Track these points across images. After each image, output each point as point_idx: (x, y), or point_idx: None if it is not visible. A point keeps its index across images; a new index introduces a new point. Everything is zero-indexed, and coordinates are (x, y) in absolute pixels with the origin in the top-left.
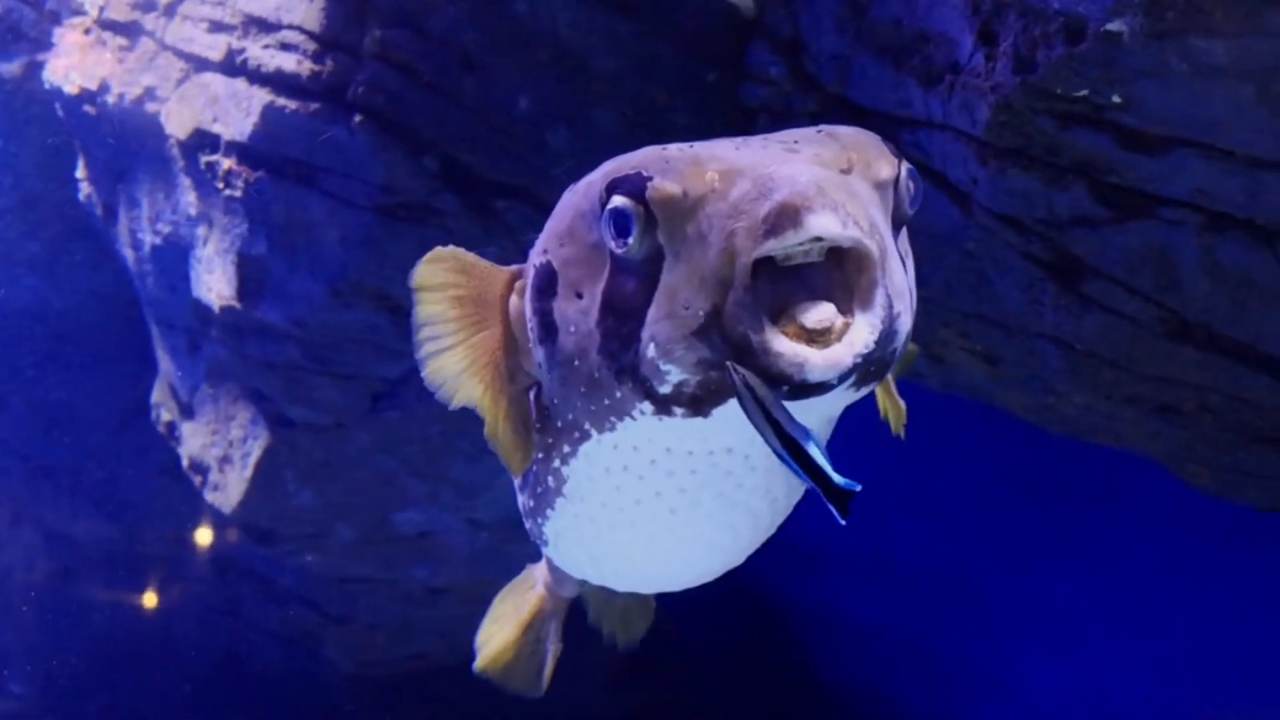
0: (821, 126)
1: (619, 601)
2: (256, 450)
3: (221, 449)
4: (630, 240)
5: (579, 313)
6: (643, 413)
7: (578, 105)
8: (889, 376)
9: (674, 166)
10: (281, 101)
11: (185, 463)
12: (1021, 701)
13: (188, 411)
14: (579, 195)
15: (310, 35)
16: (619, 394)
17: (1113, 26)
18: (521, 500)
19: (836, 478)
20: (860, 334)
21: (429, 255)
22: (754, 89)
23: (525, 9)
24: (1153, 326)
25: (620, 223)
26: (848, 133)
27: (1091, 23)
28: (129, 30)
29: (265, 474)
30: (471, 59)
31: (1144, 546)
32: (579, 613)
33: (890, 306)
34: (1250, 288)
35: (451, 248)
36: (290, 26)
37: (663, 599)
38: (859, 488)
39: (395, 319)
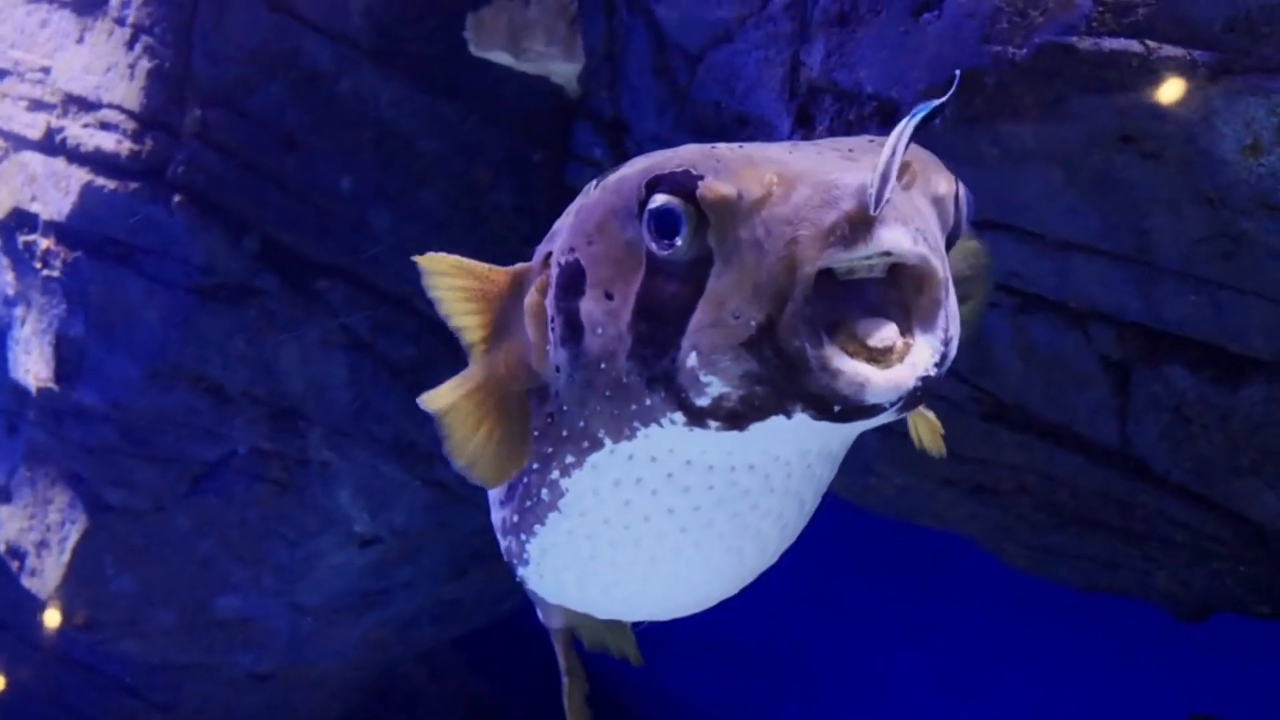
0: (873, 137)
1: (606, 627)
2: (74, 534)
3: (39, 533)
4: (678, 241)
5: (608, 314)
6: (673, 422)
7: (400, 185)
8: None
9: (727, 166)
10: (100, 181)
11: (2, 548)
12: None
13: (5, 495)
14: (609, 192)
15: (130, 114)
16: (648, 401)
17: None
18: (502, 514)
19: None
20: (923, 356)
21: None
22: (579, 170)
23: (348, 89)
24: (968, 408)
25: (666, 222)
26: None
27: (903, 107)
28: None
29: (83, 559)
30: (293, 139)
31: (975, 624)
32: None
33: (948, 329)
34: (1064, 369)
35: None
36: (110, 105)
37: (493, 678)
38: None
39: (214, 400)
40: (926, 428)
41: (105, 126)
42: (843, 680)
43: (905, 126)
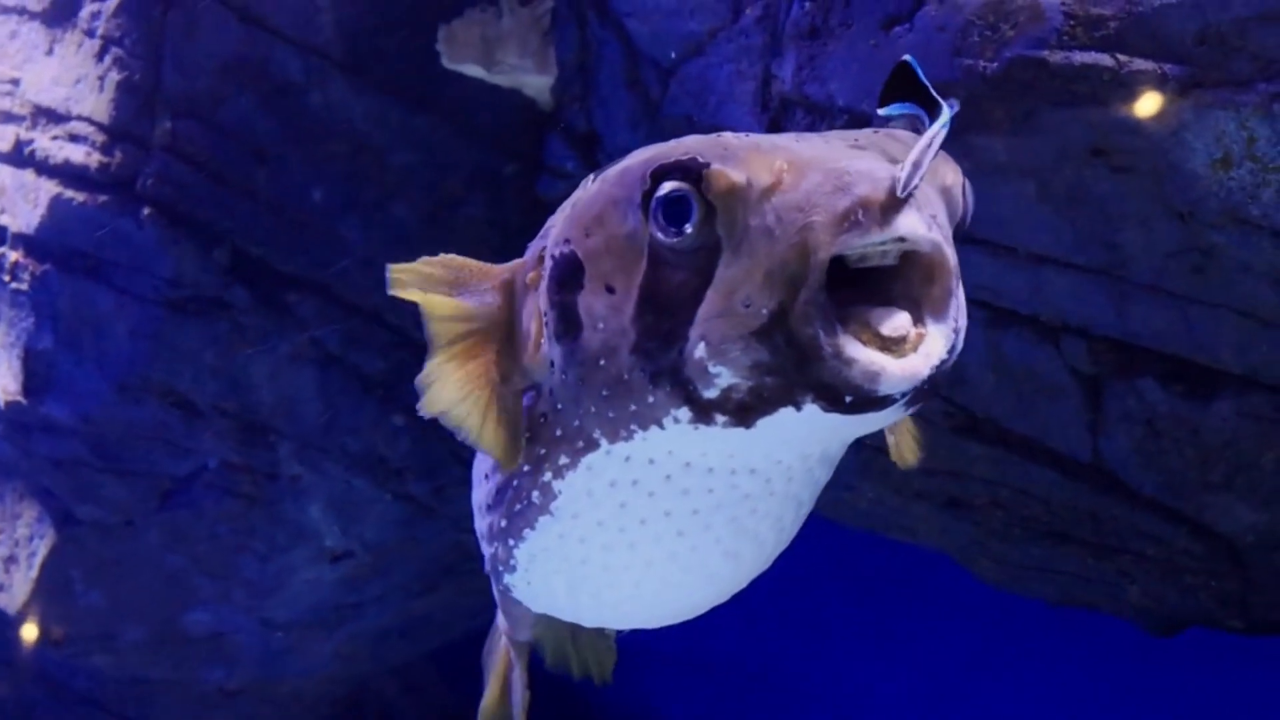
0: (878, 129)
1: (578, 641)
2: (43, 549)
3: (7, 548)
4: (687, 229)
5: (609, 308)
6: (676, 420)
7: (372, 198)
8: None
9: (734, 153)
10: (70, 193)
11: None
12: None
13: None
14: (610, 183)
15: (99, 127)
16: (651, 398)
17: (895, 125)
18: (488, 521)
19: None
20: (936, 345)
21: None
22: (551, 182)
23: (319, 101)
24: (941, 422)
25: (676, 209)
26: (909, 135)
27: (874, 120)
28: None
29: (52, 573)
30: (264, 151)
31: (955, 638)
32: None
33: (959, 319)
34: (1035, 383)
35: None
36: (79, 118)
37: (466, 691)
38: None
39: (184, 414)
40: (907, 436)
41: (74, 139)
42: (821, 695)
43: (945, 118)
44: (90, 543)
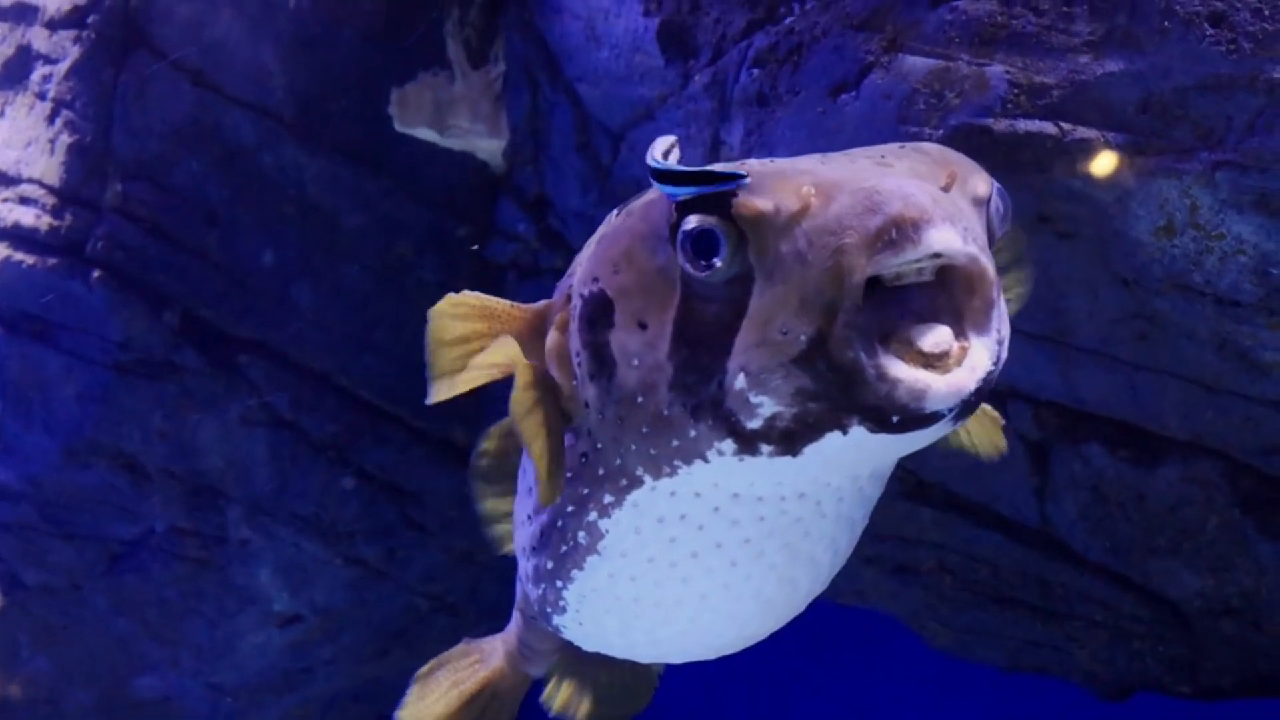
0: (905, 143)
1: (605, 678)
2: None
3: None
4: (719, 261)
5: (643, 345)
6: (721, 453)
7: (323, 261)
8: None
9: (759, 181)
10: (19, 256)
11: None
12: None
13: None
14: (635, 218)
15: (49, 189)
16: (693, 433)
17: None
18: (533, 563)
19: (718, 168)
20: (980, 358)
21: (444, 304)
22: (503, 245)
23: (270, 164)
24: (890, 486)
25: (705, 243)
26: (936, 149)
27: None
28: None
29: None
30: (215, 214)
31: (904, 703)
32: None
33: (1001, 329)
34: None
35: (466, 294)
36: (30, 180)
37: None
38: (745, 176)
39: (133, 478)
40: (984, 428)
41: (25, 201)
42: None
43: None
44: (37, 607)
